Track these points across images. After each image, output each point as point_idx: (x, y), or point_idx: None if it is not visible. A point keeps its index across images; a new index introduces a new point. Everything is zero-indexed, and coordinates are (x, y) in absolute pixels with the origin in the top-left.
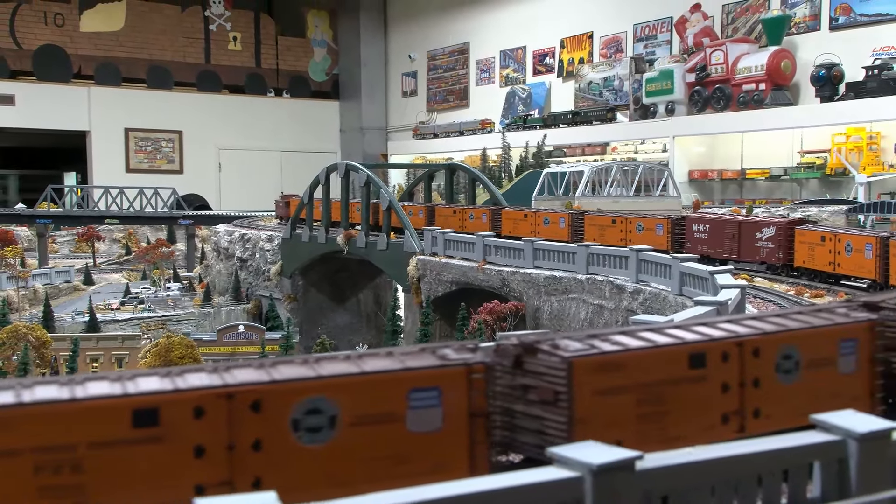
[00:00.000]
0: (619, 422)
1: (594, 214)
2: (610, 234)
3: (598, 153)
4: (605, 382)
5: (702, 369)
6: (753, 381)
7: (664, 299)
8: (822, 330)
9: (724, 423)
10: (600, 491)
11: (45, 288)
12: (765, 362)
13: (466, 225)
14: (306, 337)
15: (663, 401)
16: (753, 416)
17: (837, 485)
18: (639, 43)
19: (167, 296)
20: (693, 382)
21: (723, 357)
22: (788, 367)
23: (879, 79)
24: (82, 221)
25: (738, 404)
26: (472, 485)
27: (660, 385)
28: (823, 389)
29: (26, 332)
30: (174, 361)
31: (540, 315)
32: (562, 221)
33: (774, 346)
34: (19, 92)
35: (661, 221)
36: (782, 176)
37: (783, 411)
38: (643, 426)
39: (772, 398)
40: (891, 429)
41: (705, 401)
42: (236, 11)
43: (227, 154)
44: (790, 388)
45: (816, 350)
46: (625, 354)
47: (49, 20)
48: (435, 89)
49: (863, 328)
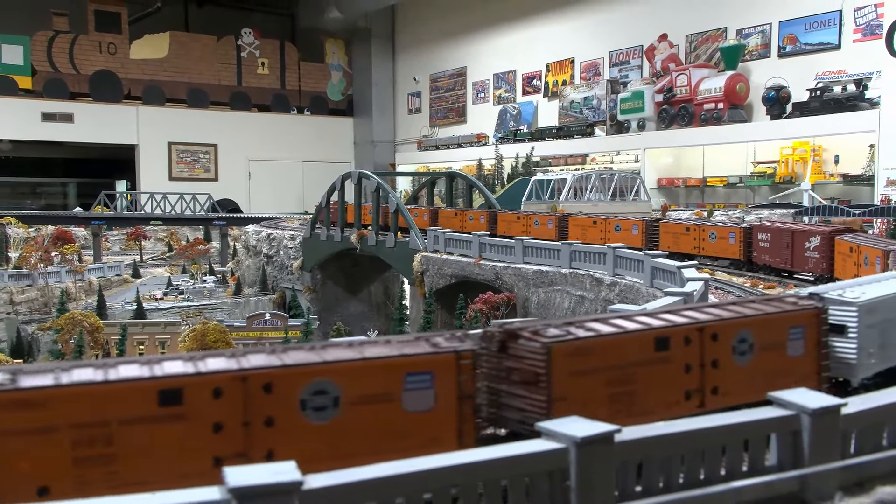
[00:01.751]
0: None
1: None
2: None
3: (579, 163)
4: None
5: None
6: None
7: (637, 290)
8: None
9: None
10: (583, 460)
11: (98, 280)
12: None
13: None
14: (324, 324)
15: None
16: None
17: (792, 454)
18: (614, 67)
19: (203, 287)
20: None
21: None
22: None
23: (821, 99)
24: (131, 223)
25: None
26: (472, 455)
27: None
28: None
29: (82, 318)
30: (209, 345)
31: (529, 305)
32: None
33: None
34: (78, 111)
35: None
36: (738, 183)
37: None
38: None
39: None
40: (839, 405)
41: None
42: (264, 40)
43: (256, 164)
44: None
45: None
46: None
47: (103, 49)
48: (436, 107)
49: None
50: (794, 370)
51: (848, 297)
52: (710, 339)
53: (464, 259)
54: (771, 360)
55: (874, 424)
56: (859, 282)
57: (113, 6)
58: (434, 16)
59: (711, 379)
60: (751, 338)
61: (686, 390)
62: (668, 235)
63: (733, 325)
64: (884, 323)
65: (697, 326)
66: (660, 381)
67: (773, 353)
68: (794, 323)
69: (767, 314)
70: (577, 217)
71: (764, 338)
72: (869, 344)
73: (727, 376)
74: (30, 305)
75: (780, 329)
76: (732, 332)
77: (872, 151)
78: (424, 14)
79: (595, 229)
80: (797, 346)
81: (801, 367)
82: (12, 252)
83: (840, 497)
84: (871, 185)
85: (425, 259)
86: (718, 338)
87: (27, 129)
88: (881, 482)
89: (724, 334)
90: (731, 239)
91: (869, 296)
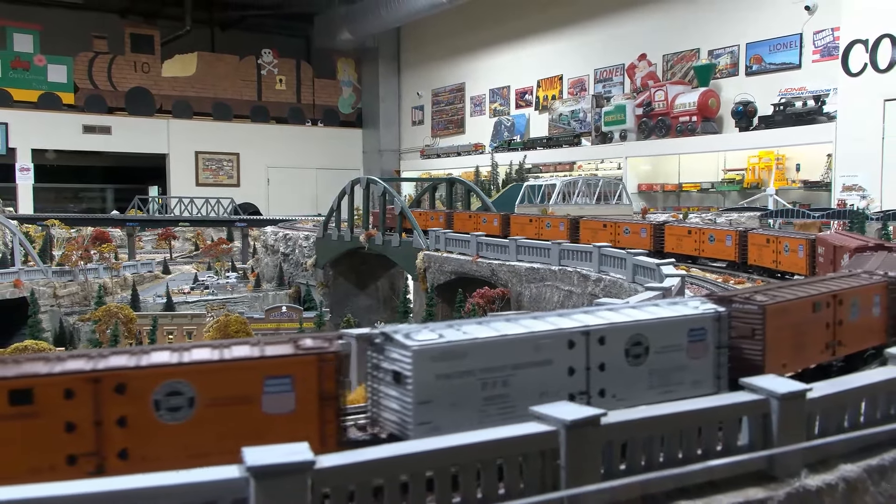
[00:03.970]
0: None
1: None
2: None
3: (568, 170)
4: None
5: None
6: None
7: (620, 286)
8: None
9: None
10: (572, 441)
11: (132, 276)
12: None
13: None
14: (335, 316)
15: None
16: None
17: (762, 435)
18: (598, 83)
19: (226, 283)
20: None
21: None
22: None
23: (784, 113)
24: (161, 224)
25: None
26: (479, 437)
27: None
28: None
29: (117, 311)
30: (231, 335)
31: (522, 299)
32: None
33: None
34: (115, 124)
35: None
36: (710, 189)
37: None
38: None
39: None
40: (805, 390)
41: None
42: (282, 60)
43: (274, 171)
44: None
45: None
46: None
47: (138, 68)
48: (438, 119)
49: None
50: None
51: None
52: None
53: (462, 257)
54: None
55: (836, 408)
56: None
57: (147, 30)
58: (435, 37)
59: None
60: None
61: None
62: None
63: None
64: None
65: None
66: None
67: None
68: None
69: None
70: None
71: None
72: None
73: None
74: (71, 299)
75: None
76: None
77: (830, 160)
78: (427, 35)
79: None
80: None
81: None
82: (56, 251)
83: (805, 474)
84: (828, 190)
85: (427, 257)
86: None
87: (70, 140)
88: (843, 460)
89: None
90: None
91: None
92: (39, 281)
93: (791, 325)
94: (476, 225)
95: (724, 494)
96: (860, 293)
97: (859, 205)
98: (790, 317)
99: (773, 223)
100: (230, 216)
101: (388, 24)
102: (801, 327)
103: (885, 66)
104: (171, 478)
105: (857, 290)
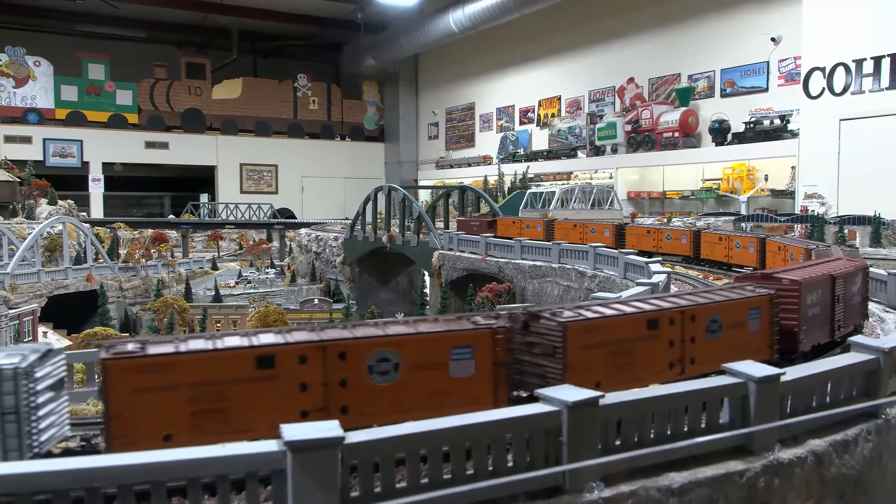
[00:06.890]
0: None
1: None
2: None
3: (565, 179)
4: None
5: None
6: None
7: (613, 282)
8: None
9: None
10: (573, 420)
11: (186, 272)
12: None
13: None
14: (360, 308)
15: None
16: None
17: (741, 414)
18: (592, 103)
19: (266, 278)
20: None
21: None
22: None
23: (754, 130)
24: (211, 227)
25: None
26: (487, 416)
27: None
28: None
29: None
30: (270, 324)
31: (525, 293)
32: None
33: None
34: (172, 140)
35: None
36: (690, 196)
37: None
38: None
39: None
40: (779, 374)
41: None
42: (315, 83)
43: (308, 180)
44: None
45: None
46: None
47: (192, 91)
48: (451, 134)
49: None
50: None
51: None
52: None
53: (473, 256)
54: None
55: (806, 390)
56: None
57: (199, 59)
58: (449, 62)
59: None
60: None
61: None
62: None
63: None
64: None
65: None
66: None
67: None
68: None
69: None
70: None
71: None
72: None
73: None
74: (134, 291)
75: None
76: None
77: (793, 171)
78: (441, 61)
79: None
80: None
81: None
82: (121, 250)
83: (778, 448)
84: (792, 198)
85: (442, 256)
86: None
87: (134, 154)
88: (812, 436)
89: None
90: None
91: None
92: (108, 276)
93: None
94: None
95: (708, 466)
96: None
97: (819, 210)
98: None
99: (745, 226)
100: (269, 220)
101: (408, 51)
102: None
103: (840, 90)
104: (219, 450)
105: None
